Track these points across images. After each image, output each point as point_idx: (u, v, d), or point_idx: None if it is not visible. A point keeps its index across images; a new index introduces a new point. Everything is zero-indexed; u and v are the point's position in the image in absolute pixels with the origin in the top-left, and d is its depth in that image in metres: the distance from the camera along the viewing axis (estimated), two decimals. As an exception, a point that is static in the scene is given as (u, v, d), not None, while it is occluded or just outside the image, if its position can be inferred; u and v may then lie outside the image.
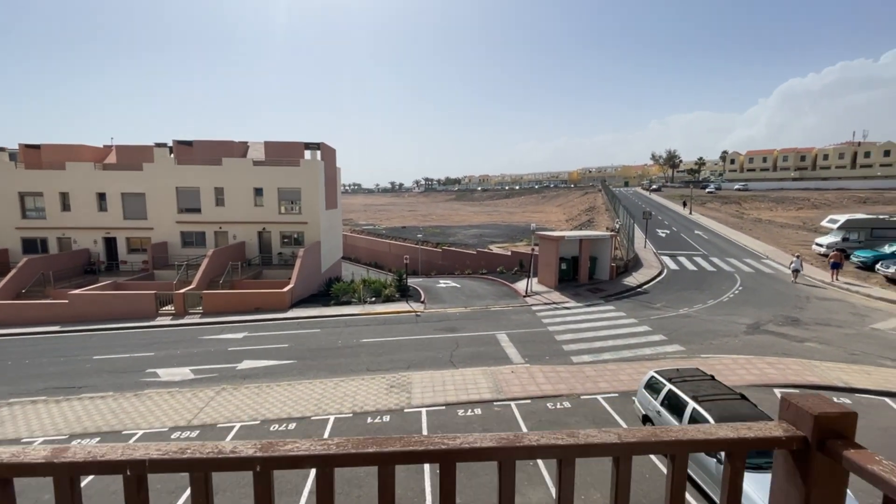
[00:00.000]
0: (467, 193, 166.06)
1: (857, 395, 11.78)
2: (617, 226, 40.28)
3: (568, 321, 18.88)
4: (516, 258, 30.10)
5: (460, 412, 11.45)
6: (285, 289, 23.23)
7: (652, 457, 9.16)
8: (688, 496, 8.15)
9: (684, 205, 59.82)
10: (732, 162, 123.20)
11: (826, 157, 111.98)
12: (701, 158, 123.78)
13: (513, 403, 11.78)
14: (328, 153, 33.70)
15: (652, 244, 36.65)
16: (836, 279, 23.61)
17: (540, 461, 8.63)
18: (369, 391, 12.74)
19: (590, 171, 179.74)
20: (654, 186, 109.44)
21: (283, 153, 31.46)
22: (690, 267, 28.68)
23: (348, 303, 23.22)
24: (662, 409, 9.18)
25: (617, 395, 12.11)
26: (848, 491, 1.28)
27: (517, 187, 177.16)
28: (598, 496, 8.09)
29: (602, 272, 26.08)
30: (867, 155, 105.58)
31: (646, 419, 9.85)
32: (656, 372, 9.96)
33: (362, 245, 49.21)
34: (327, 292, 25.19)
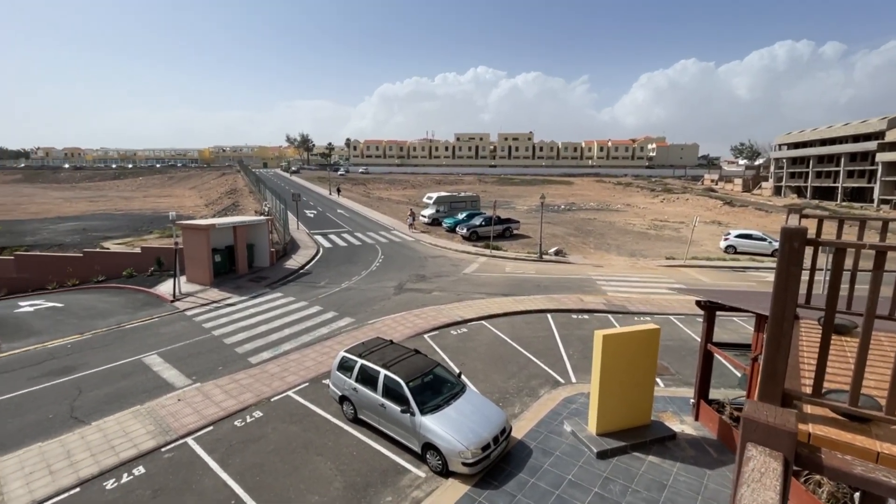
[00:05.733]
0: (46, 172, 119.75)
1: (468, 323, 16.40)
2: (266, 209, 39.15)
3: (235, 319, 16.92)
4: (151, 255, 24.07)
5: (110, 484, 8.23)
6: None
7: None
8: (384, 450, 9.07)
9: (339, 191, 62.62)
10: (355, 148, 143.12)
11: (414, 148, 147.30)
12: (330, 144, 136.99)
13: (190, 440, 9.50)
14: None
15: (304, 225, 37.95)
16: (412, 228, 36.26)
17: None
18: None
19: (224, 150, 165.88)
20: (293, 169, 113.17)
21: None
22: (341, 243, 31.59)
23: None
24: (358, 385, 9.69)
25: (307, 384, 11.92)
26: None
27: (130, 165, 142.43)
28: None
29: (262, 259, 24.79)
30: (437, 149, 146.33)
31: (343, 399, 10.17)
32: (346, 351, 10.37)
33: None
34: None
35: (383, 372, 9.32)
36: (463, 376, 11.12)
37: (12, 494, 7.94)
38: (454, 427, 8.38)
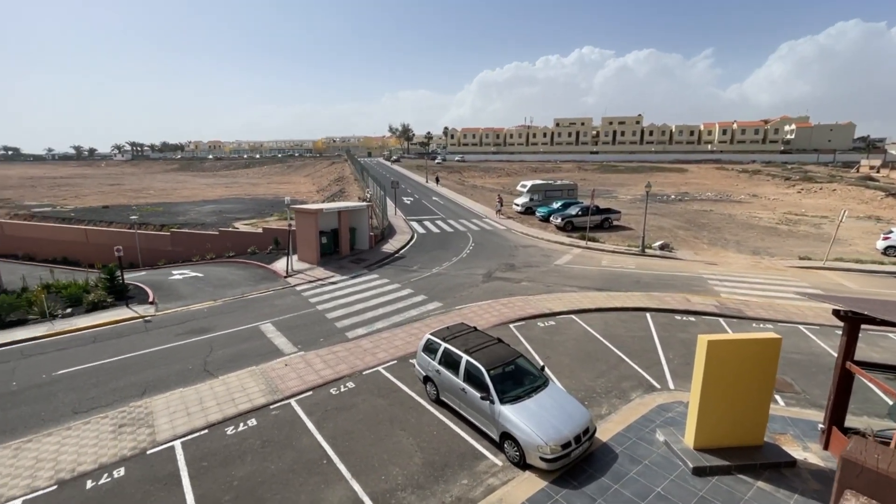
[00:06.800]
0: (195, 162, 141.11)
1: (557, 316, 15.85)
2: (368, 195, 41.70)
3: (336, 296, 18.42)
4: (270, 236, 27.26)
5: (230, 430, 9.58)
6: None
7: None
8: (463, 434, 9.21)
9: (437, 181, 62.97)
10: (452, 137, 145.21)
11: (511, 135, 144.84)
12: (429, 133, 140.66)
13: (293, 401, 10.64)
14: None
15: (401, 211, 39.73)
16: (500, 215, 37.24)
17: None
18: (83, 443, 9.18)
19: (334, 141, 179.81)
20: (394, 157, 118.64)
21: None
22: (434, 230, 32.49)
23: (23, 322, 16.11)
24: (441, 368, 9.96)
25: (396, 361, 12.57)
26: None
27: (258, 156, 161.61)
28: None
29: (362, 242, 26.55)
30: (534, 135, 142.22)
31: (426, 380, 10.54)
32: (431, 334, 10.70)
33: (34, 236, 35.05)
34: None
35: (465, 357, 9.44)
36: (547, 370, 10.82)
37: (160, 427, 9.66)
38: (534, 420, 8.20)
